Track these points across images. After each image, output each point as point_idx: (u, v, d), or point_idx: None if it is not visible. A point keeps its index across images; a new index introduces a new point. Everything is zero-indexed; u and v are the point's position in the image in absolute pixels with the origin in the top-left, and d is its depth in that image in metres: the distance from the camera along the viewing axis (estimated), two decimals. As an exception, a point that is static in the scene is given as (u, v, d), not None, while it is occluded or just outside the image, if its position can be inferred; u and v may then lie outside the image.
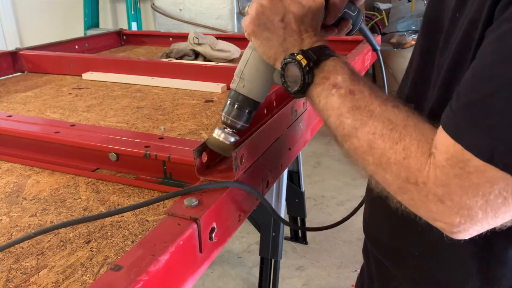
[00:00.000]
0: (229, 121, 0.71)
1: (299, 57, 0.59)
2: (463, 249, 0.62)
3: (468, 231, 0.48)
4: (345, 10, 0.73)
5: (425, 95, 0.64)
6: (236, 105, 0.70)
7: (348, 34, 0.78)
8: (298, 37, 0.62)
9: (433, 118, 0.51)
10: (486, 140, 0.43)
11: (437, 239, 0.58)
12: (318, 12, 0.64)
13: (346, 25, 0.75)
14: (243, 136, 0.79)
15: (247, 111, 0.70)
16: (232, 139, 0.70)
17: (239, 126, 0.71)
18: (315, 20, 0.64)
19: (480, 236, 0.51)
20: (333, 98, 0.56)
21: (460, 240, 0.52)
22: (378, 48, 0.87)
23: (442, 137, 0.47)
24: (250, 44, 0.70)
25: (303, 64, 0.58)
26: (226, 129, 0.71)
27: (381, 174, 0.52)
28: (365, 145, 0.52)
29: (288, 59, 0.60)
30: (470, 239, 0.52)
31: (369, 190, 0.81)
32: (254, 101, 0.71)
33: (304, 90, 0.60)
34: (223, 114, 0.71)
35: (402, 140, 0.50)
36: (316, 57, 0.59)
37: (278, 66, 0.63)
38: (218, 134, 0.70)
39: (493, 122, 0.43)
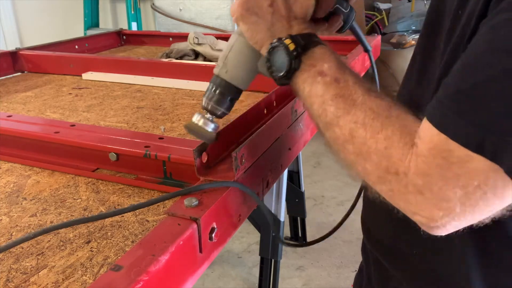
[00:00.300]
0: (209, 107, 0.68)
1: (287, 41, 0.58)
2: (464, 247, 0.62)
3: (445, 227, 0.48)
4: (337, 6, 0.72)
5: (429, 96, 0.63)
6: (218, 91, 0.68)
7: (339, 31, 0.77)
8: (286, 22, 0.62)
9: None
10: (474, 130, 0.42)
11: (437, 237, 0.57)
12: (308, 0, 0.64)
13: (337, 21, 0.74)
14: (243, 135, 0.79)
15: (229, 98, 0.69)
16: (212, 126, 0.69)
17: (219, 113, 0.69)
18: (304, 8, 0.64)
19: (480, 236, 0.51)
20: (318, 86, 0.56)
21: (460, 239, 0.52)
22: (370, 48, 0.86)
23: (426, 128, 0.47)
24: (236, 29, 0.69)
25: (291, 48, 0.57)
26: (206, 115, 0.69)
27: (361, 163, 0.51)
28: (346, 133, 0.52)
29: (276, 43, 0.59)
30: (471, 237, 0.51)
31: (364, 188, 0.80)
32: (236, 88, 0.69)
33: (289, 76, 0.59)
34: (204, 99, 0.69)
35: (384, 130, 0.50)
36: (304, 43, 0.58)
37: (264, 51, 0.62)
38: (198, 119, 0.68)
39: (482, 112, 0.42)
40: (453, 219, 0.47)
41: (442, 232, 0.49)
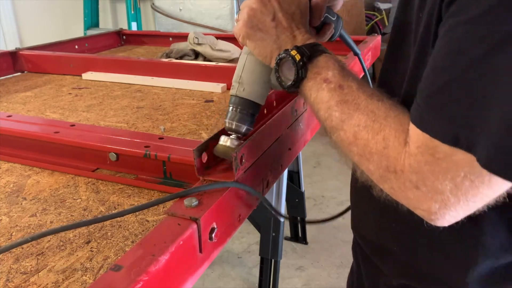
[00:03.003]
0: (233, 126, 0.71)
1: (293, 52, 0.61)
2: (451, 242, 0.63)
3: (445, 217, 0.51)
4: (326, 15, 0.76)
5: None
6: (238, 109, 0.71)
7: (330, 40, 0.81)
8: (290, 34, 0.66)
9: None
10: (448, 126, 0.46)
11: (423, 232, 0.60)
12: (306, 9, 0.68)
13: (329, 29, 0.78)
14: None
15: (250, 113, 0.72)
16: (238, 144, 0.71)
17: (244, 130, 0.72)
18: (304, 18, 0.68)
19: (468, 228, 0.55)
20: (323, 92, 0.59)
21: (448, 232, 0.55)
22: (359, 52, 0.89)
23: (412, 128, 0.50)
24: (244, 50, 0.73)
25: (297, 59, 0.61)
26: (231, 135, 0.71)
27: (365, 164, 0.55)
28: (350, 136, 0.55)
29: (283, 54, 0.63)
30: (458, 231, 0.55)
31: (352, 183, 0.82)
32: (255, 103, 0.72)
33: (297, 84, 0.62)
34: (227, 120, 0.72)
35: (382, 130, 0.53)
36: (310, 53, 0.61)
37: (273, 63, 0.65)
38: (225, 141, 0.70)
39: (451, 109, 0.46)
40: (449, 209, 0.49)
41: (444, 223, 0.52)
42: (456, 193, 0.48)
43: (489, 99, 0.43)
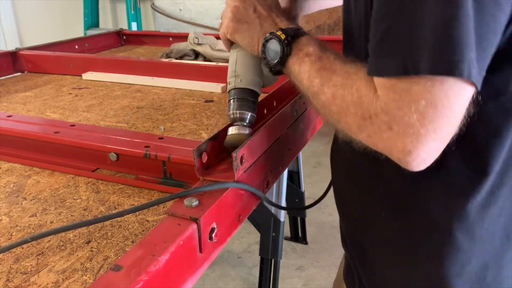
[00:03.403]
0: (237, 115, 0.75)
1: (279, 32, 0.69)
2: (434, 215, 0.65)
3: (419, 155, 0.53)
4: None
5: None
6: (238, 99, 0.75)
7: None
8: (272, 21, 0.73)
9: None
10: (396, 61, 0.52)
11: (399, 201, 0.67)
12: (278, 3, 0.77)
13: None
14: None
15: (250, 101, 0.76)
16: (247, 131, 0.73)
17: (248, 116, 0.75)
18: (280, 10, 0.77)
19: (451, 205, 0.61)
20: (305, 64, 0.66)
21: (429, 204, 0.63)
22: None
23: (374, 79, 0.56)
24: (232, 50, 0.79)
25: (283, 38, 0.68)
26: (237, 124, 0.74)
27: (344, 119, 0.59)
28: (330, 97, 0.61)
29: (269, 36, 0.70)
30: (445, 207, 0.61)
31: (332, 161, 0.88)
32: (254, 91, 0.76)
33: (283, 61, 0.69)
34: (230, 112, 0.75)
35: (355, 83, 0.58)
36: (293, 33, 0.69)
37: (261, 48, 0.72)
38: (233, 130, 0.73)
39: (395, 45, 0.52)
40: (422, 144, 0.52)
41: (419, 164, 0.55)
42: (424, 122, 0.51)
43: (420, 18, 0.50)
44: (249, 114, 0.75)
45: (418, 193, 0.67)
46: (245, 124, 0.74)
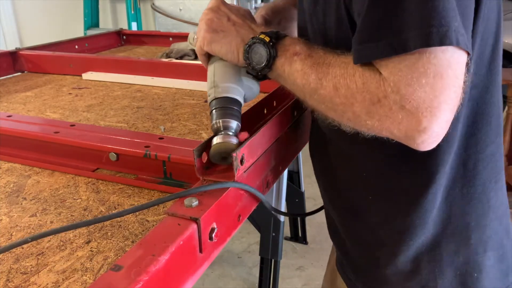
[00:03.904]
0: (220, 123, 0.69)
1: (262, 36, 0.68)
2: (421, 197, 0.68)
3: (435, 131, 0.54)
4: None
5: None
6: (218, 108, 0.71)
7: None
8: (248, 27, 0.73)
9: None
10: (394, 39, 0.53)
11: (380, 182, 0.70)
12: (250, 14, 0.78)
13: None
14: (243, 136, 0.79)
15: (232, 108, 0.71)
16: (234, 140, 0.68)
17: (233, 125, 0.70)
18: (254, 19, 0.77)
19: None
20: (295, 63, 0.65)
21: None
22: None
23: (375, 63, 0.56)
24: (209, 65, 0.77)
25: (267, 40, 0.67)
26: (222, 134, 0.68)
27: (350, 108, 0.58)
28: (331, 90, 0.60)
29: (251, 41, 0.69)
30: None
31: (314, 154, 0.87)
32: (234, 99, 0.72)
33: (270, 64, 0.67)
34: (213, 123, 0.70)
35: (356, 71, 0.58)
36: (276, 35, 0.68)
37: (241, 55, 0.71)
38: (217, 140, 0.67)
39: (388, 25, 0.54)
40: (437, 117, 0.53)
41: (435, 140, 0.56)
42: (435, 94, 0.52)
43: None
44: (234, 122, 0.70)
45: (395, 173, 0.70)
46: (230, 133, 0.69)
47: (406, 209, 0.70)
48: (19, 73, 1.59)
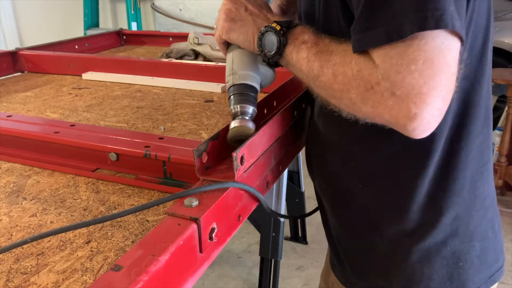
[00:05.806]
0: (238, 108, 0.74)
1: (274, 24, 0.71)
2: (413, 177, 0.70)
3: (426, 118, 0.54)
4: None
5: None
6: (237, 94, 0.76)
7: None
8: (264, 17, 0.77)
9: None
10: (387, 27, 0.54)
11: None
12: (267, 3, 0.81)
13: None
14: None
15: (249, 94, 0.76)
16: (250, 124, 0.73)
17: (250, 110, 0.75)
18: (270, 8, 0.80)
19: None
20: (302, 51, 0.68)
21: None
22: None
23: (369, 52, 0.58)
24: (228, 53, 0.81)
25: (278, 28, 0.71)
26: (239, 118, 0.73)
27: (346, 95, 0.61)
28: (331, 76, 0.62)
29: (264, 29, 0.72)
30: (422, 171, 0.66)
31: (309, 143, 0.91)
32: (252, 86, 0.77)
33: (280, 51, 0.71)
34: (231, 108, 0.76)
35: (353, 59, 0.60)
36: (287, 24, 0.71)
37: (257, 43, 0.74)
38: (235, 124, 0.72)
39: (378, 17, 0.55)
40: (427, 103, 0.53)
41: (427, 128, 0.56)
42: (425, 80, 0.53)
43: None
44: (251, 107, 0.75)
45: (385, 162, 0.72)
46: (246, 118, 0.74)
47: (395, 198, 0.72)
48: (19, 73, 1.59)
